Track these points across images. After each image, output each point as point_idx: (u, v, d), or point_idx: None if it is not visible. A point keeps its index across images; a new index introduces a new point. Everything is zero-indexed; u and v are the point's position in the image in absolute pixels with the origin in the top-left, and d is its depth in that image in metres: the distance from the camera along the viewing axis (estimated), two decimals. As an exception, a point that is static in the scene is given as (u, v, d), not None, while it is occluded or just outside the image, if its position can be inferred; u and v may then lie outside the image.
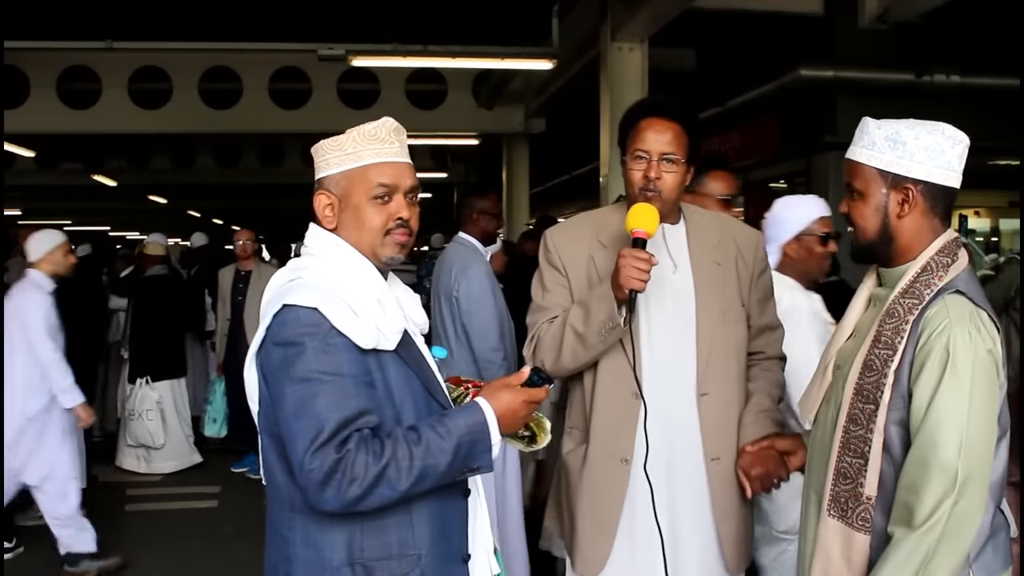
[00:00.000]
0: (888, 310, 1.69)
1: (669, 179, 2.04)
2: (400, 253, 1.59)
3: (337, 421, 1.41)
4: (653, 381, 2.05)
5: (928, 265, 1.69)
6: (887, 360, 1.66)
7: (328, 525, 1.49)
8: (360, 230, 1.57)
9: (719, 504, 2.08)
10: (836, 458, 1.71)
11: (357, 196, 1.57)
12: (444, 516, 1.55)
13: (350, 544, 1.49)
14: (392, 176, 1.57)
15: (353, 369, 1.46)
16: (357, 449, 1.40)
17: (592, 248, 2.15)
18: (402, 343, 1.55)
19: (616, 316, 1.95)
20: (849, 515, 1.68)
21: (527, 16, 6.95)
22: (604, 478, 2.07)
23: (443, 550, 1.54)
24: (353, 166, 1.57)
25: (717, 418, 2.08)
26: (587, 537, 2.09)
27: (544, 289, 2.17)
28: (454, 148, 13.35)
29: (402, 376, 1.53)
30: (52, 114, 8.77)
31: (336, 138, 1.60)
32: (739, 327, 2.13)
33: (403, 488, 1.42)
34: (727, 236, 2.19)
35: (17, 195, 15.52)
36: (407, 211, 1.58)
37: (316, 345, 1.45)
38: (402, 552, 1.50)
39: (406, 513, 1.49)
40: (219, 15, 7.29)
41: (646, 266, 1.90)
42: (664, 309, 2.08)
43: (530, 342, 2.14)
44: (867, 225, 1.73)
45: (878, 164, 1.69)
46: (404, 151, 1.62)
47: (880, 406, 1.65)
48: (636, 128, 2.07)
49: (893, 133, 1.68)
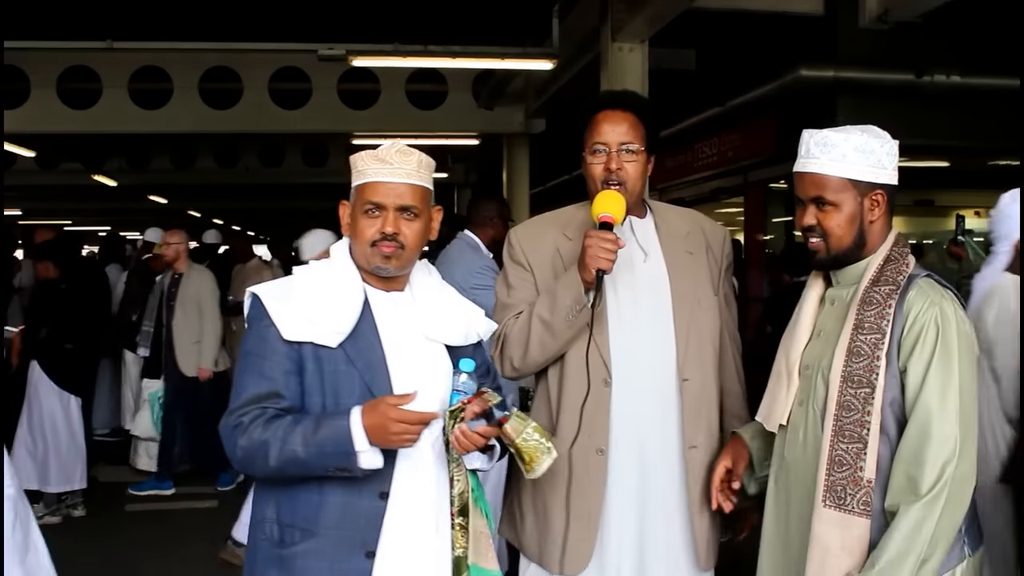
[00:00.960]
0: (864, 298, 1.76)
1: (631, 168, 2.04)
2: (386, 263, 1.76)
3: (248, 396, 1.68)
4: (626, 368, 2.02)
5: (890, 256, 1.80)
6: (876, 343, 1.72)
7: (264, 488, 1.77)
8: (356, 240, 1.78)
9: (695, 496, 2.06)
10: (828, 448, 1.73)
11: (357, 209, 1.77)
12: (352, 509, 1.70)
13: (276, 505, 1.74)
14: (383, 195, 1.74)
15: (277, 355, 1.70)
16: (251, 422, 1.65)
17: (558, 241, 2.13)
18: (357, 345, 1.72)
19: (583, 299, 1.94)
20: (848, 502, 1.70)
21: (527, 16, 6.95)
22: (581, 471, 2.03)
23: (344, 537, 1.70)
24: (359, 182, 1.77)
25: (696, 404, 2.07)
26: (569, 535, 2.03)
27: (509, 287, 2.14)
28: (454, 148, 13.35)
29: (342, 372, 1.71)
30: (52, 114, 8.76)
31: (356, 155, 1.79)
32: (713, 314, 2.13)
33: (273, 465, 1.64)
34: (696, 228, 2.19)
35: (17, 195, 15.52)
36: (392, 226, 1.73)
37: (254, 328, 1.73)
38: (304, 525, 1.70)
39: (317, 494, 1.70)
40: (219, 15, 7.28)
41: (613, 246, 1.90)
42: (637, 297, 2.07)
43: (497, 341, 2.09)
44: (844, 234, 1.79)
45: (851, 175, 1.76)
46: (406, 171, 1.76)
47: (876, 388, 1.70)
48: (592, 123, 2.07)
49: (862, 143, 1.76)
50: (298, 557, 1.70)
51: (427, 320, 1.82)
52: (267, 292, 1.74)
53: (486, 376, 1.95)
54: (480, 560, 1.78)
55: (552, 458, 1.73)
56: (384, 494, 1.71)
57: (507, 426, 1.70)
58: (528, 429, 1.72)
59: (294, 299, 1.72)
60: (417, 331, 1.81)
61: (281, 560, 1.72)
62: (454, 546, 1.77)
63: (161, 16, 7.33)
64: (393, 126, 9.56)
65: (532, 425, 1.72)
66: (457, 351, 1.84)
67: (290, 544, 1.71)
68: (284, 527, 1.73)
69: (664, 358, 2.06)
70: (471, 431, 1.68)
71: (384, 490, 1.71)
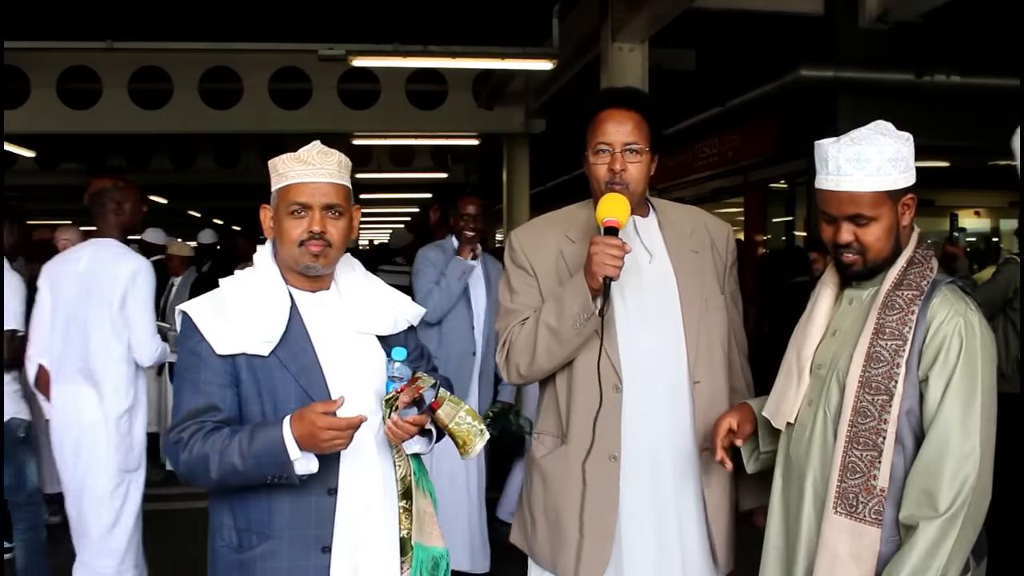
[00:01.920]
0: (886, 302, 1.71)
1: (634, 170, 1.99)
2: (315, 261, 1.78)
3: (186, 412, 1.73)
4: (637, 372, 1.99)
5: (914, 259, 1.75)
6: (897, 350, 1.67)
7: (218, 496, 1.80)
8: (282, 242, 1.79)
9: (711, 498, 2.04)
10: (842, 453, 1.70)
11: (281, 211, 1.78)
12: (303, 508, 1.74)
13: (231, 512, 1.78)
14: (308, 195, 1.76)
15: (211, 370, 1.73)
16: (191, 436, 1.70)
17: (561, 244, 2.08)
18: (289, 350, 1.75)
19: (591, 306, 1.89)
20: (860, 510, 1.68)
21: (527, 16, 6.95)
22: (594, 478, 2.00)
23: (299, 536, 1.74)
24: (280, 185, 1.78)
25: (707, 407, 2.04)
26: (584, 542, 2.00)
27: (512, 291, 2.09)
28: (454, 148, 13.36)
29: (277, 379, 1.74)
30: (52, 114, 8.76)
31: (275, 159, 1.80)
32: (721, 314, 2.09)
33: (215, 477, 1.68)
34: (700, 226, 2.15)
35: (17, 195, 15.50)
36: (320, 225, 1.75)
37: (186, 347, 1.76)
38: (259, 529, 1.74)
39: (267, 498, 1.73)
40: (219, 15, 7.28)
41: (619, 252, 1.86)
42: (644, 300, 2.03)
43: (502, 347, 2.06)
44: (883, 246, 1.74)
45: (887, 186, 1.70)
46: (328, 171, 1.79)
47: (894, 396, 1.66)
48: (595, 121, 2.02)
49: (894, 152, 1.70)
50: (257, 560, 1.74)
51: (355, 314, 1.86)
52: (196, 309, 1.78)
53: (420, 360, 1.98)
54: (424, 539, 1.84)
55: (484, 439, 1.80)
56: (332, 490, 1.75)
57: (440, 412, 1.77)
58: (461, 413, 1.78)
59: (222, 313, 1.76)
60: (346, 326, 1.84)
61: (241, 565, 1.75)
62: (400, 527, 1.82)
63: (161, 16, 7.33)
64: (393, 126, 9.58)
65: (465, 408, 1.79)
66: (390, 340, 1.88)
67: (248, 548, 1.75)
68: (241, 532, 1.76)
69: (675, 361, 2.03)
70: (402, 421, 1.73)
71: (332, 486, 1.75)
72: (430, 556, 1.84)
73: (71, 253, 3.46)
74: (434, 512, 1.89)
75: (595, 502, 2.00)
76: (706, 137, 9.76)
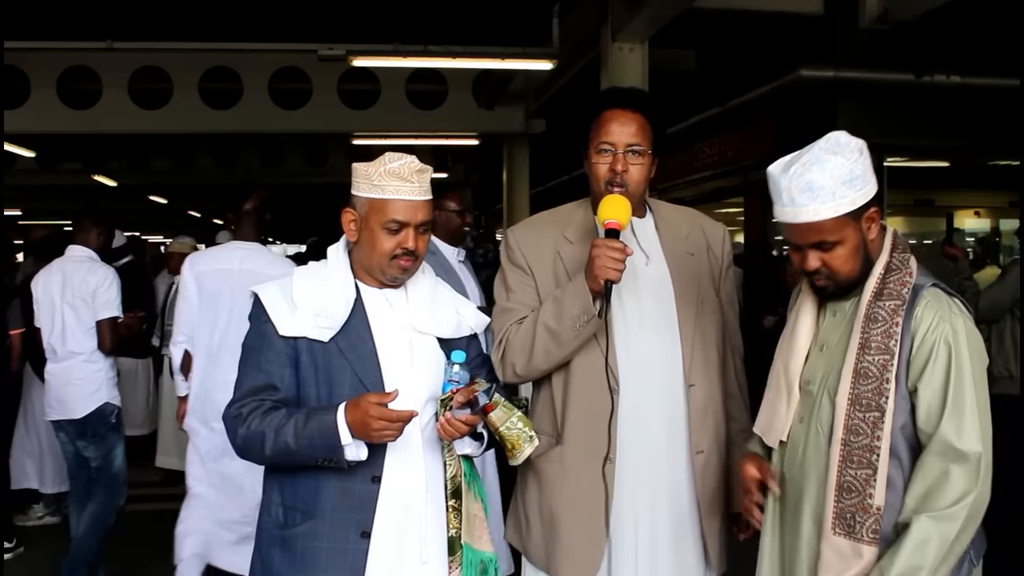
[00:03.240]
0: (868, 315, 1.68)
1: (636, 171, 1.99)
2: (403, 275, 1.87)
3: (247, 388, 1.81)
4: (632, 374, 1.99)
5: (891, 264, 1.71)
6: (885, 365, 1.65)
7: (271, 473, 1.88)
8: (372, 250, 1.85)
9: (704, 500, 2.04)
10: (837, 473, 1.68)
11: (374, 222, 1.83)
12: (347, 492, 1.80)
13: (280, 489, 1.85)
14: (406, 213, 1.82)
15: (273, 350, 1.81)
16: (250, 413, 1.77)
17: (559, 244, 2.08)
18: (348, 339, 1.82)
19: (591, 308, 1.90)
20: (857, 530, 1.66)
21: (527, 16, 6.95)
22: (588, 480, 2.00)
23: (341, 519, 1.79)
24: (376, 196, 1.82)
25: (702, 410, 2.04)
26: (576, 544, 2.00)
27: (508, 290, 2.09)
28: (454, 148, 13.35)
29: (335, 365, 1.81)
30: (52, 114, 8.76)
31: (367, 165, 1.84)
32: (716, 317, 2.10)
33: (268, 454, 1.76)
34: (696, 228, 2.15)
35: (17, 195, 15.51)
36: (413, 243, 1.83)
37: (254, 326, 1.85)
38: (304, 507, 1.81)
39: (314, 479, 1.80)
40: (219, 15, 7.28)
41: (621, 255, 1.86)
42: (641, 302, 2.03)
43: (498, 346, 2.05)
44: (852, 267, 1.71)
45: (846, 209, 1.66)
46: (423, 189, 1.84)
47: (886, 412, 1.64)
48: (599, 120, 2.01)
49: (846, 173, 1.64)
50: (299, 538, 1.80)
51: (418, 315, 1.91)
52: (265, 292, 1.86)
53: (482, 367, 2.01)
54: (473, 541, 1.87)
55: (534, 446, 1.82)
56: (376, 478, 1.81)
57: (492, 415, 1.80)
58: (513, 418, 1.80)
59: (289, 297, 1.84)
60: (408, 325, 1.89)
61: (283, 541, 1.82)
62: (448, 526, 1.85)
63: (161, 16, 7.33)
64: (393, 126, 9.57)
65: (517, 415, 1.81)
66: (451, 343, 1.92)
67: (292, 525, 1.82)
68: (287, 509, 1.83)
69: (671, 364, 2.03)
70: (454, 419, 1.76)
71: (376, 474, 1.81)
72: (479, 559, 1.87)
73: (221, 252, 3.69)
74: (484, 516, 1.92)
75: (589, 503, 2.00)
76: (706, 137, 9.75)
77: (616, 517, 2.00)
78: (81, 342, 3.90)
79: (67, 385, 3.90)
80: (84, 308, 3.90)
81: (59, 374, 3.94)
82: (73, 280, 3.91)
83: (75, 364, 3.90)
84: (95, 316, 3.89)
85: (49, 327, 3.94)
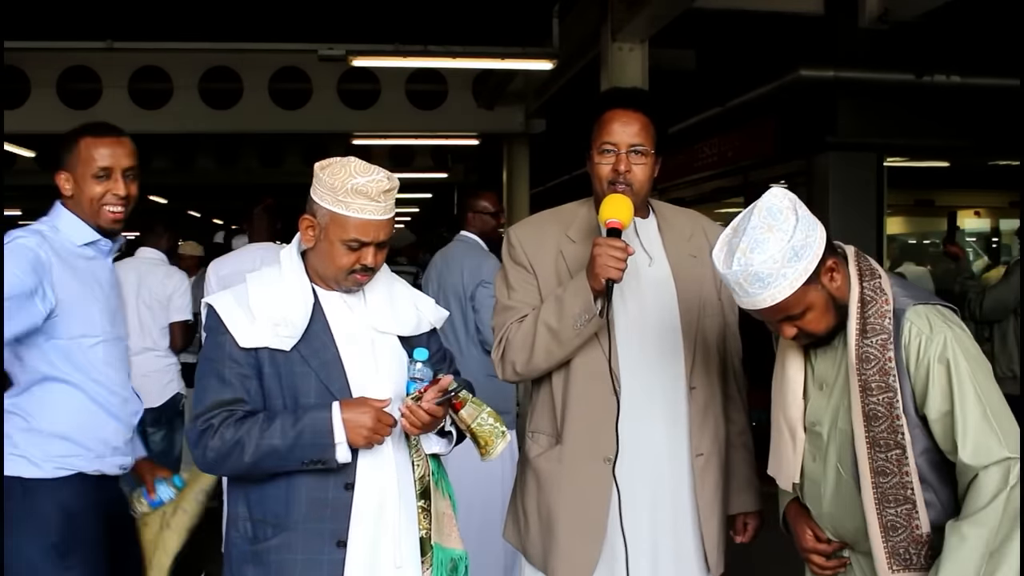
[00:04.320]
0: (860, 356, 1.67)
1: (639, 171, 1.99)
2: (357, 287, 1.86)
3: (213, 401, 1.76)
4: (634, 376, 1.99)
5: (864, 297, 1.69)
6: (891, 403, 1.64)
7: (236, 486, 1.84)
8: (328, 262, 1.82)
9: (703, 502, 2.04)
10: (876, 516, 1.66)
11: (334, 235, 1.79)
12: (320, 502, 1.77)
13: (247, 503, 1.81)
14: (368, 233, 1.79)
15: (235, 362, 1.77)
16: (221, 423, 1.73)
17: (561, 243, 2.08)
18: (310, 346, 1.79)
19: (592, 307, 1.89)
20: (915, 561, 1.65)
21: (527, 16, 6.94)
22: (587, 480, 1.99)
23: (314, 529, 1.76)
24: (340, 212, 1.77)
25: (703, 412, 2.04)
26: (573, 543, 2.00)
27: (509, 288, 2.09)
28: (454, 148, 13.34)
29: (298, 373, 1.78)
30: (52, 114, 8.74)
31: (332, 174, 1.78)
32: (718, 320, 2.10)
33: (248, 461, 1.71)
34: (698, 230, 2.15)
35: (17, 195, 15.50)
36: (372, 259, 1.81)
37: (211, 339, 1.81)
38: (274, 520, 1.77)
39: (284, 490, 1.76)
40: (219, 15, 7.27)
41: (622, 254, 1.86)
42: (643, 303, 2.03)
43: (498, 345, 2.06)
44: (828, 322, 1.71)
45: (800, 282, 1.64)
46: (388, 208, 1.81)
47: (906, 448, 1.63)
48: (601, 121, 2.01)
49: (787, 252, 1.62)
50: (272, 552, 1.77)
51: (377, 315, 1.89)
52: (220, 302, 1.82)
53: (442, 362, 2.00)
54: (443, 540, 1.85)
55: (506, 442, 1.81)
56: (349, 485, 1.79)
57: (463, 412, 1.79)
58: (483, 415, 1.80)
59: (246, 306, 1.80)
60: (369, 326, 1.87)
61: (256, 556, 1.78)
62: (419, 527, 1.83)
63: (161, 16, 7.33)
64: (393, 126, 9.57)
65: (487, 411, 1.81)
66: (412, 341, 1.90)
67: (263, 540, 1.78)
68: (257, 523, 1.80)
69: (673, 367, 2.03)
70: (415, 406, 1.74)
71: (349, 481, 1.78)
72: (449, 558, 1.86)
73: (240, 255, 4.00)
74: (453, 514, 1.91)
75: (588, 504, 2.00)
76: (706, 137, 9.75)
77: (615, 518, 2.00)
78: (156, 339, 4.30)
79: (143, 377, 4.22)
80: (159, 309, 4.29)
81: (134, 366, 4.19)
82: (149, 281, 4.30)
83: (150, 358, 4.28)
84: (168, 318, 4.29)
85: None
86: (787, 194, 1.68)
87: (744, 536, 2.16)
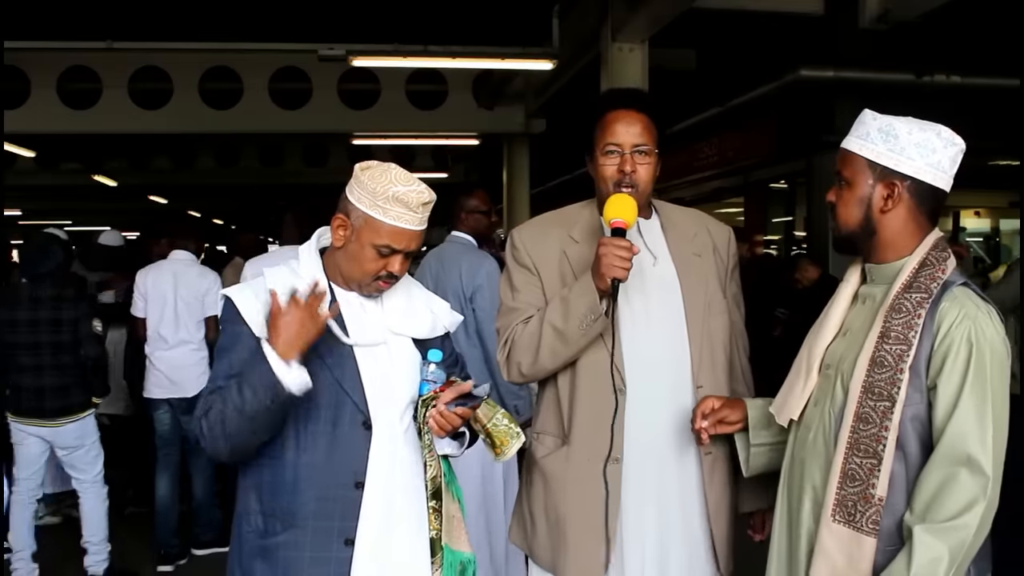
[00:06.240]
0: (894, 305, 1.67)
1: (643, 171, 1.99)
2: (378, 293, 1.86)
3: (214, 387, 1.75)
4: (640, 375, 1.99)
5: (927, 260, 1.70)
6: (901, 355, 1.63)
7: (247, 481, 1.83)
8: (355, 264, 1.82)
9: (712, 500, 2.04)
10: (843, 460, 1.67)
11: (367, 239, 1.79)
12: (329, 499, 1.76)
13: (259, 497, 1.81)
14: (402, 241, 1.79)
15: (248, 351, 1.74)
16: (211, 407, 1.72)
17: (564, 244, 2.08)
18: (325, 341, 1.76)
19: (598, 308, 1.89)
20: (857, 519, 1.64)
21: (527, 16, 6.95)
22: (595, 480, 1.99)
23: (323, 527, 1.76)
24: (377, 217, 1.77)
25: None
26: (582, 544, 1.99)
27: (514, 289, 2.08)
28: (454, 148, 13.36)
29: (310, 367, 1.73)
30: (52, 114, 8.76)
31: (372, 178, 1.78)
32: (724, 318, 2.09)
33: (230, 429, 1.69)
34: (702, 229, 2.15)
35: (17, 195, 15.52)
36: (398, 267, 1.82)
37: (227, 328, 1.82)
38: (283, 516, 1.77)
39: (292, 486, 1.77)
40: (219, 15, 7.29)
41: (628, 254, 1.85)
42: (648, 302, 2.03)
43: (503, 346, 2.05)
44: (849, 216, 1.73)
45: (868, 154, 1.70)
46: (423, 220, 1.82)
47: (896, 402, 1.62)
48: (603, 122, 2.01)
49: (887, 126, 1.70)
50: (280, 548, 1.76)
51: (393, 317, 1.89)
52: (238, 294, 1.82)
53: (455, 366, 2.00)
54: (452, 542, 1.85)
55: (520, 442, 1.80)
56: (360, 484, 1.77)
57: (478, 412, 1.78)
58: (497, 415, 1.79)
59: (264, 301, 1.78)
60: (384, 326, 1.87)
61: (264, 551, 1.78)
62: (429, 528, 1.83)
63: (161, 16, 7.34)
64: (393, 126, 9.58)
65: (501, 411, 1.80)
66: (426, 343, 1.90)
67: (272, 535, 1.78)
68: (267, 517, 1.79)
69: (679, 366, 2.03)
70: (448, 412, 1.74)
71: (359, 480, 1.77)
72: (458, 560, 1.86)
73: (273, 257, 4.12)
74: (462, 517, 1.91)
75: (596, 504, 1.99)
76: (706, 137, 9.76)
77: (624, 518, 2.00)
78: (192, 333, 4.58)
79: (180, 368, 4.55)
80: (195, 304, 4.59)
81: (171, 359, 4.57)
82: (185, 279, 4.60)
83: (186, 351, 4.57)
84: (203, 313, 4.59)
85: (159, 317, 4.56)
86: (957, 142, 1.77)
87: (763, 534, 2.16)
